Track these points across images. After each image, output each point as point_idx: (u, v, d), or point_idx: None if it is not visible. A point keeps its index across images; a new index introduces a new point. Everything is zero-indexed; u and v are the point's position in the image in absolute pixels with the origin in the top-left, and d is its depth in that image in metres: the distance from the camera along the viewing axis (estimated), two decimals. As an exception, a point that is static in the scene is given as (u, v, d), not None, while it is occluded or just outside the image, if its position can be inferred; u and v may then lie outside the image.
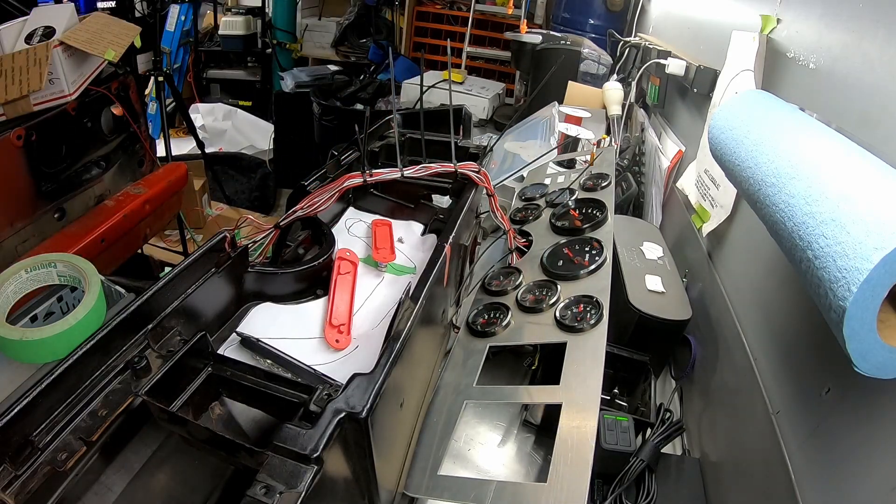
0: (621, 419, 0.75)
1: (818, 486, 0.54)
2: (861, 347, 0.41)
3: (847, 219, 0.42)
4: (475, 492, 0.57)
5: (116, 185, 1.42)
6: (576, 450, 0.57)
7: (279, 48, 3.60)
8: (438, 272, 0.69)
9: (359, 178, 0.79)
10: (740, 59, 0.92)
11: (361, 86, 3.09)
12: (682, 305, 0.90)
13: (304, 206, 0.76)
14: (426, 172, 0.83)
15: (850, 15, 0.64)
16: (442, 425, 0.68)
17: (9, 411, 0.42)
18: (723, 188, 0.92)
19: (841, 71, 0.65)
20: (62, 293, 0.86)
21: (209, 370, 0.55)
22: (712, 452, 0.78)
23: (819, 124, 0.57)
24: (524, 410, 0.82)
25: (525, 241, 1.00)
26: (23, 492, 0.42)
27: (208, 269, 0.62)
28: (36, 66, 1.11)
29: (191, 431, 0.48)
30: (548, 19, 2.73)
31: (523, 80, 2.26)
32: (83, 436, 0.46)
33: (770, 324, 0.71)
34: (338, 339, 0.67)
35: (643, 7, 2.12)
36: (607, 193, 1.02)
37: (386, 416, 0.53)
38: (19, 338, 0.70)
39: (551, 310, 0.78)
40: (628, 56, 1.84)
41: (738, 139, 0.64)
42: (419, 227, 0.94)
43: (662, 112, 1.54)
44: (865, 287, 0.38)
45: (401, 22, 3.35)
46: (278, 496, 0.40)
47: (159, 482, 0.53)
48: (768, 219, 0.54)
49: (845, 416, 0.52)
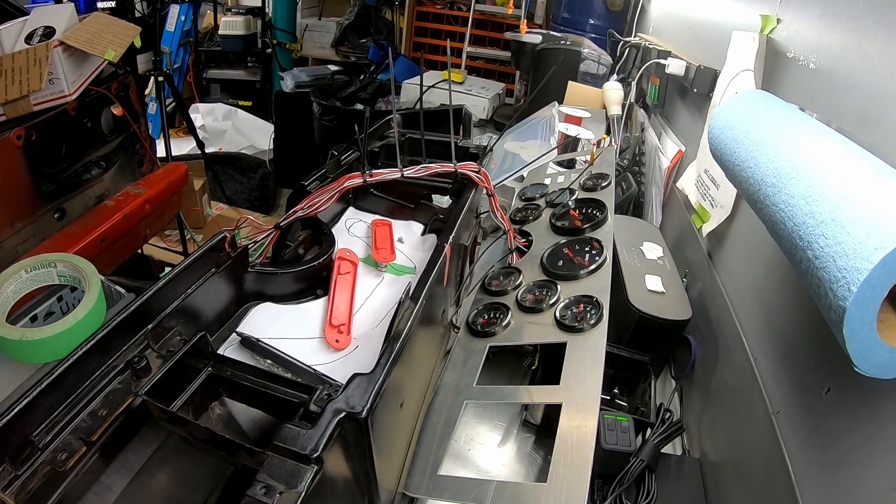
0: (621, 419, 0.75)
1: (818, 486, 0.54)
2: (861, 347, 0.41)
3: (847, 219, 0.42)
4: (475, 492, 0.57)
5: (116, 185, 1.42)
6: (576, 450, 0.57)
7: (279, 48, 3.60)
8: (438, 272, 0.69)
9: (359, 179, 0.79)
10: (740, 59, 0.92)
11: (361, 86, 3.09)
12: (682, 305, 0.90)
13: (304, 207, 0.76)
14: (426, 172, 0.83)
15: (850, 15, 0.64)
16: (442, 425, 0.68)
17: (9, 411, 0.42)
18: (723, 188, 0.92)
19: (841, 71, 0.65)
20: (62, 293, 0.86)
21: (209, 370, 0.55)
22: (712, 452, 0.78)
23: (819, 124, 0.57)
24: (524, 410, 0.82)
25: (525, 241, 1.00)
26: (23, 492, 0.42)
27: (208, 269, 0.62)
28: (36, 66, 1.11)
29: (191, 431, 0.48)
30: (548, 19, 2.73)
31: (523, 80, 2.26)
32: (83, 436, 0.46)
33: (770, 324, 0.71)
34: (338, 339, 0.67)
35: (643, 7, 2.12)
36: (607, 193, 1.02)
37: (386, 416, 0.53)
38: (19, 338, 0.70)
39: (551, 310, 0.78)
40: (628, 56, 1.85)
41: (738, 139, 0.64)
42: (419, 227, 0.94)
43: (662, 112, 1.54)
44: (865, 287, 0.38)
45: (401, 22, 3.35)
46: (278, 496, 0.40)
47: (159, 482, 0.53)
48: (768, 219, 0.54)
49: (845, 416, 0.52)
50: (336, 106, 2.89)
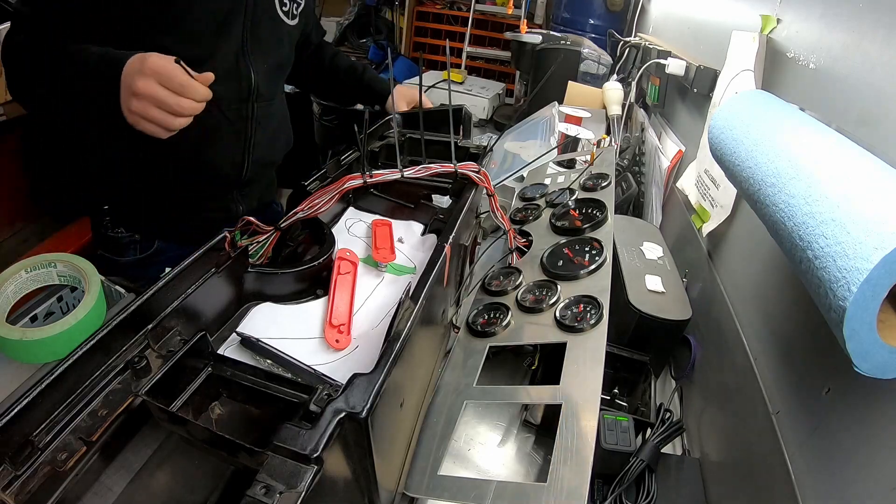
0: (621, 419, 0.75)
1: (818, 486, 0.54)
2: (861, 347, 0.41)
3: (847, 219, 0.42)
4: (475, 492, 0.57)
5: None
6: (576, 450, 0.57)
7: (279, 48, 3.60)
8: (438, 272, 0.69)
9: (359, 180, 0.79)
10: (740, 59, 0.92)
11: (361, 86, 3.09)
12: (682, 305, 0.90)
13: (305, 208, 0.76)
14: (426, 173, 0.83)
15: (850, 15, 0.64)
16: (442, 425, 0.68)
17: (9, 411, 0.42)
18: (723, 188, 0.92)
19: (841, 71, 0.65)
20: (62, 293, 0.86)
21: (209, 370, 0.55)
22: (712, 452, 0.78)
23: (819, 124, 0.57)
24: (524, 410, 0.82)
25: (525, 241, 1.00)
26: (23, 492, 0.42)
27: (208, 270, 0.62)
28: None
29: (191, 431, 0.48)
30: (548, 19, 2.73)
31: (523, 80, 2.26)
32: (83, 436, 0.46)
33: (770, 324, 0.71)
34: (338, 339, 0.67)
35: (643, 7, 2.13)
36: (607, 193, 1.02)
37: (386, 416, 0.53)
38: (19, 338, 0.70)
39: (551, 310, 0.78)
40: (628, 56, 1.85)
41: (738, 139, 0.64)
42: (419, 227, 0.94)
43: (662, 112, 1.54)
44: (865, 287, 0.38)
45: (401, 22, 3.34)
46: (278, 496, 0.40)
47: (159, 482, 0.53)
48: (768, 219, 0.54)
49: (845, 416, 0.52)
50: (336, 106, 2.88)
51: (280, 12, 1.03)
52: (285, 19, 1.04)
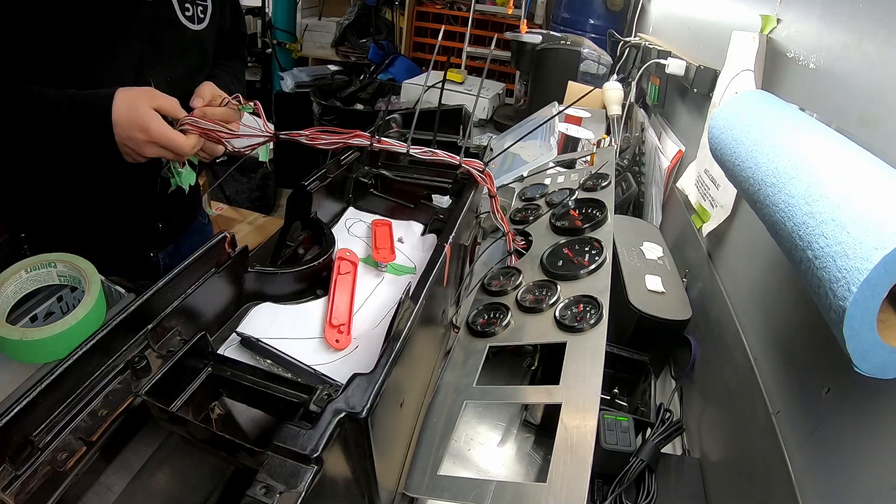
0: (621, 419, 0.75)
1: (818, 485, 0.54)
2: (861, 347, 0.41)
3: (847, 219, 0.42)
4: (475, 492, 0.57)
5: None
6: (576, 450, 0.57)
7: (279, 48, 3.60)
8: (438, 272, 0.69)
9: (366, 140, 0.79)
10: (740, 59, 0.92)
11: (361, 86, 3.09)
12: (682, 305, 0.90)
13: (308, 136, 0.76)
14: (432, 157, 0.83)
15: (850, 15, 0.64)
16: (442, 425, 0.68)
17: (9, 411, 0.42)
18: (723, 188, 0.92)
19: (841, 71, 0.65)
20: (62, 293, 0.86)
21: (209, 370, 0.55)
22: (712, 452, 0.78)
23: (819, 124, 0.57)
24: (524, 410, 0.83)
25: (524, 242, 1.00)
26: (23, 492, 0.42)
27: (208, 269, 0.62)
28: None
29: (191, 431, 0.48)
30: (548, 19, 2.73)
31: (523, 80, 2.26)
32: (83, 436, 0.46)
33: (770, 324, 0.71)
34: (338, 339, 0.67)
35: (643, 7, 2.13)
36: (607, 193, 1.02)
37: (386, 416, 0.53)
38: (19, 338, 0.70)
39: (551, 310, 0.78)
40: (628, 56, 1.85)
41: (738, 139, 0.64)
42: (419, 227, 0.94)
43: (662, 112, 1.54)
44: (865, 287, 0.38)
45: (401, 22, 3.35)
46: (278, 496, 0.40)
47: (159, 482, 0.53)
48: (768, 219, 0.54)
49: (845, 416, 0.52)
50: (336, 106, 2.88)
51: (182, 18, 0.95)
52: (189, 24, 0.96)
